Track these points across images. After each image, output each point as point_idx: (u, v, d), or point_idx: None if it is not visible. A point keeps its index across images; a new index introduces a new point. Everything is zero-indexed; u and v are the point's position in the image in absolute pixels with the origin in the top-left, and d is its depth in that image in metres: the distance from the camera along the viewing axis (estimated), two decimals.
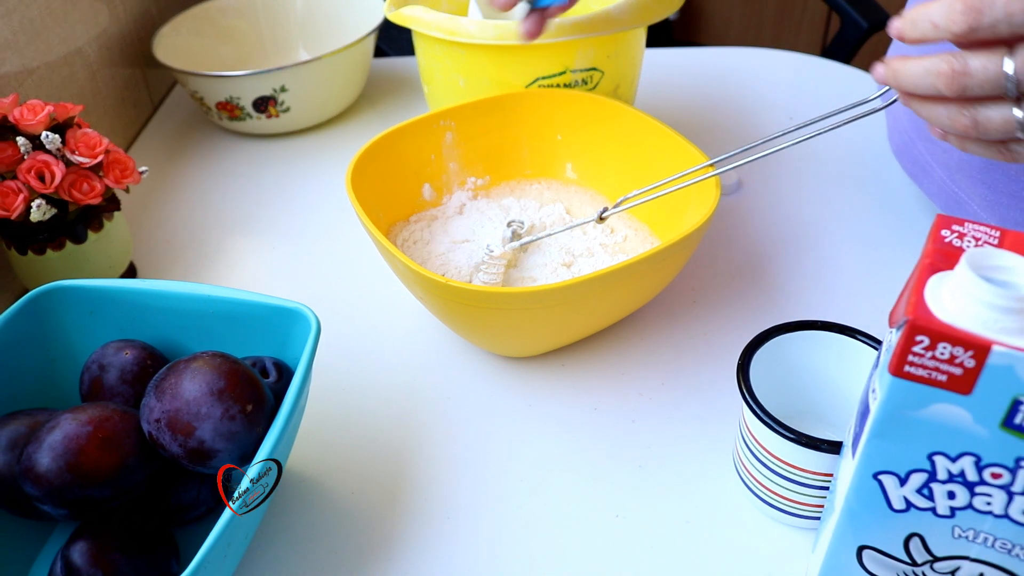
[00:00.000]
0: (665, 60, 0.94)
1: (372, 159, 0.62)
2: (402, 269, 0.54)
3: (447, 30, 0.65)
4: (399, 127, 0.64)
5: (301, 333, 0.48)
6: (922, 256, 0.34)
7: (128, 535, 0.44)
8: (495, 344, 0.59)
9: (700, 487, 0.51)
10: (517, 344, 0.58)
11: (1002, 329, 0.30)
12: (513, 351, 0.60)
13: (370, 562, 0.48)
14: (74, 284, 0.51)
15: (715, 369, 0.58)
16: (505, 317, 0.53)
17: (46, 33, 0.73)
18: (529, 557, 0.48)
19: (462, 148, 0.68)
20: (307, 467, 0.54)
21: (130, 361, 0.49)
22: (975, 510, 0.34)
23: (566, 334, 0.58)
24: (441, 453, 0.54)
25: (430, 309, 0.57)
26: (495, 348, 0.60)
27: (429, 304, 0.56)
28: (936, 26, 0.38)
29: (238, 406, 0.43)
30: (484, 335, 0.57)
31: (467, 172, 0.69)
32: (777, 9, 1.98)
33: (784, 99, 0.87)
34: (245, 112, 0.83)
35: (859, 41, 1.25)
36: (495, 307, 0.52)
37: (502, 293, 0.51)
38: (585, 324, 0.57)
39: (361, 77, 0.89)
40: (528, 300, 0.51)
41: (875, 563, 0.37)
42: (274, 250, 0.72)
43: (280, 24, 0.96)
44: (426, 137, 0.66)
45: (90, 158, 0.60)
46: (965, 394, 0.31)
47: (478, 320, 0.54)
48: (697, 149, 0.59)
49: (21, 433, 0.45)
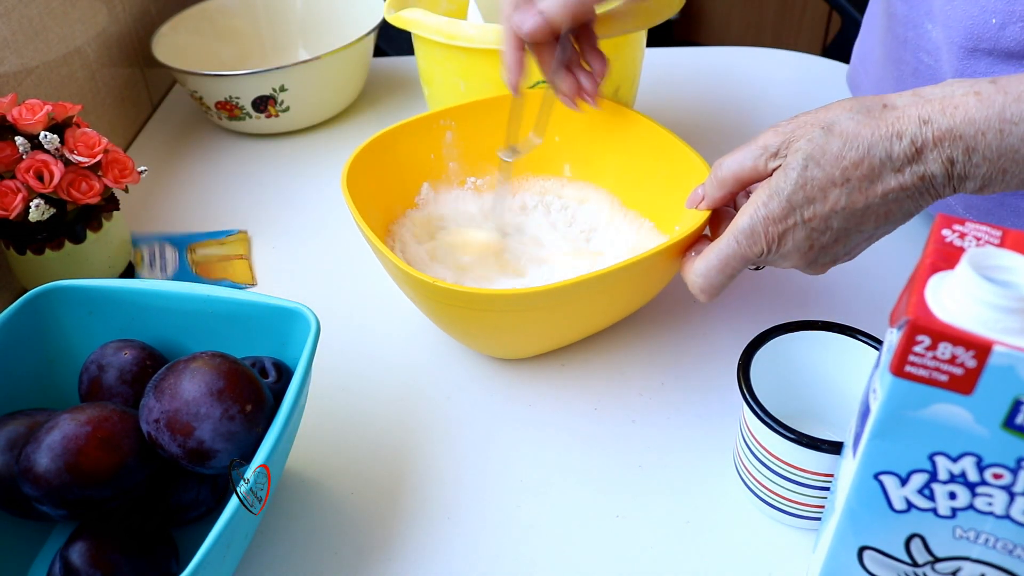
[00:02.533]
0: (665, 60, 0.94)
1: (371, 156, 0.62)
2: (392, 269, 0.53)
3: (448, 34, 0.65)
4: (398, 125, 0.64)
5: (300, 333, 0.48)
6: (923, 256, 0.34)
7: (127, 535, 0.44)
8: (486, 345, 0.59)
9: (700, 487, 0.51)
10: (508, 345, 0.58)
11: (1003, 329, 0.30)
12: (504, 352, 0.60)
13: (370, 562, 0.48)
14: (73, 284, 0.50)
15: (715, 369, 0.58)
16: (493, 319, 0.53)
17: (45, 32, 0.72)
18: (529, 557, 0.48)
19: (462, 147, 0.68)
20: (307, 467, 0.53)
21: (129, 361, 0.49)
22: (976, 511, 0.34)
23: (556, 337, 0.58)
24: (441, 453, 0.54)
25: (420, 308, 0.57)
26: (487, 349, 0.59)
27: (418, 303, 0.56)
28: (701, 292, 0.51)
29: (237, 406, 0.43)
30: (473, 337, 0.57)
31: (467, 172, 0.69)
32: (777, 9, 1.98)
33: (784, 99, 0.87)
34: (244, 112, 0.83)
35: None
36: (481, 309, 0.52)
37: (488, 295, 0.51)
38: (577, 327, 0.57)
39: (361, 77, 0.89)
40: (514, 302, 0.51)
41: (876, 564, 0.37)
42: (274, 250, 0.72)
43: (280, 24, 0.96)
44: (426, 136, 0.66)
45: (89, 158, 0.60)
46: (966, 394, 0.31)
47: (467, 321, 0.54)
48: (695, 153, 0.59)
49: (20, 433, 0.45)
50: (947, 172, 0.43)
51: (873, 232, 0.47)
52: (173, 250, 0.71)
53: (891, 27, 0.64)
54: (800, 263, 0.49)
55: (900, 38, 0.62)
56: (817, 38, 1.98)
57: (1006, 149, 0.41)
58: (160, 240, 0.70)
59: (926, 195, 0.44)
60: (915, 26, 0.60)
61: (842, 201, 0.45)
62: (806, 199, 0.46)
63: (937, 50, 0.58)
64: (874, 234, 0.47)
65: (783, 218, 0.46)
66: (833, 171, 0.45)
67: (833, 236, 0.47)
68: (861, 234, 0.47)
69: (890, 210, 0.45)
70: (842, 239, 0.47)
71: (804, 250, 0.47)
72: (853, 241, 0.47)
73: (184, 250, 0.70)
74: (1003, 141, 0.41)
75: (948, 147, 0.42)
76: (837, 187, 0.45)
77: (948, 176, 0.43)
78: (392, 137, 0.64)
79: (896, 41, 0.63)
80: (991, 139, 0.41)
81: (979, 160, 0.42)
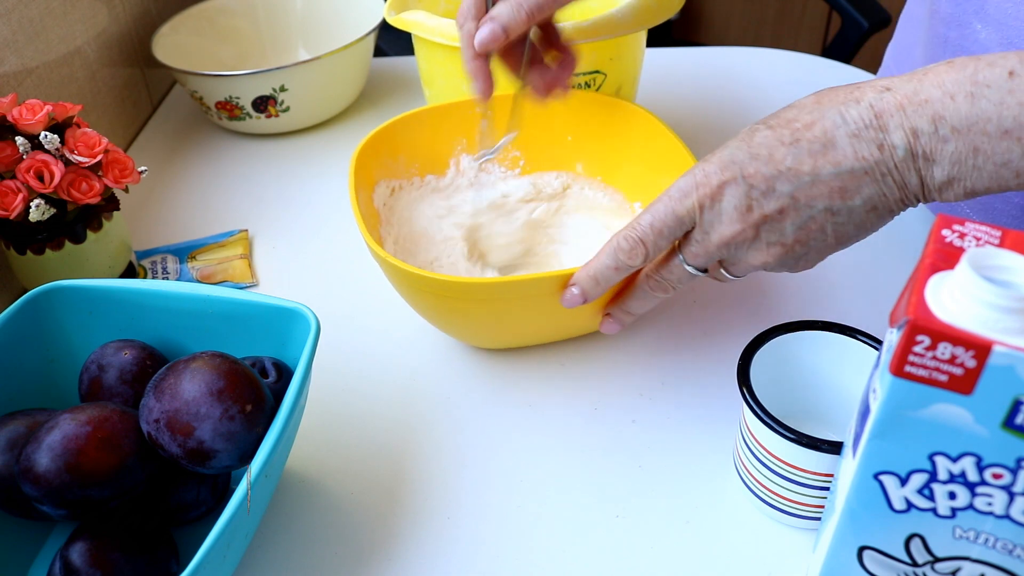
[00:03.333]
0: (665, 60, 0.94)
1: (406, 127, 0.65)
2: (380, 259, 0.54)
3: (449, 36, 0.65)
4: (436, 106, 0.66)
5: (301, 333, 0.48)
6: (923, 256, 0.34)
7: (127, 535, 0.44)
8: (461, 332, 0.59)
9: (700, 487, 0.51)
10: (481, 333, 0.58)
11: (1003, 329, 0.30)
12: (479, 341, 0.60)
13: (370, 562, 0.48)
14: (73, 284, 0.50)
15: (715, 369, 0.58)
16: (464, 307, 0.53)
17: (45, 33, 0.72)
18: (529, 557, 0.48)
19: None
20: (307, 467, 0.53)
21: (129, 361, 0.49)
22: (976, 511, 0.34)
23: (530, 329, 0.58)
24: (441, 453, 0.54)
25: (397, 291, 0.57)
26: (464, 337, 0.60)
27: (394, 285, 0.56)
28: (618, 269, 0.48)
29: (237, 406, 0.43)
30: (446, 323, 0.58)
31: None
32: (777, 9, 1.98)
33: (784, 99, 0.86)
34: (245, 112, 0.83)
35: (859, 41, 1.25)
36: (453, 297, 0.52)
37: (459, 283, 0.51)
38: (548, 323, 0.57)
39: (361, 77, 0.89)
40: (487, 291, 0.51)
41: (876, 564, 0.37)
42: (274, 250, 0.72)
43: (280, 24, 0.96)
44: (458, 120, 0.67)
45: (89, 158, 0.60)
46: (966, 394, 0.31)
47: (439, 310, 0.55)
48: (690, 153, 0.60)
49: (20, 433, 0.45)
50: (910, 147, 0.39)
51: (830, 220, 0.42)
52: (175, 259, 0.71)
53: (933, 26, 0.59)
54: (739, 232, 0.44)
55: (941, 38, 0.57)
56: (817, 38, 1.98)
57: (977, 117, 0.38)
58: (162, 252, 0.71)
59: (888, 179, 0.40)
60: (960, 25, 0.55)
61: (788, 161, 0.41)
62: (749, 155, 0.42)
63: (985, 52, 0.52)
64: (833, 226, 0.42)
65: (720, 171, 0.43)
66: (783, 131, 0.42)
67: (778, 204, 0.42)
68: (812, 209, 0.42)
69: (846, 187, 0.41)
70: (790, 212, 0.42)
71: (743, 210, 0.43)
72: (803, 217, 0.42)
73: (185, 258, 0.71)
74: (974, 106, 0.38)
75: (912, 114, 0.39)
76: (785, 146, 0.41)
77: (912, 153, 0.39)
78: (429, 114, 0.66)
79: (937, 41, 0.58)
80: (961, 103, 0.38)
81: (947, 133, 0.38)
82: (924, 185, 0.40)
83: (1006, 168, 0.38)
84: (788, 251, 0.44)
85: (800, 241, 0.44)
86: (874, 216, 0.42)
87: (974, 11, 0.53)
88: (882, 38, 1.33)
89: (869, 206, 0.42)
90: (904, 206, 0.42)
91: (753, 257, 0.45)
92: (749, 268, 0.46)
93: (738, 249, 0.45)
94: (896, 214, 0.43)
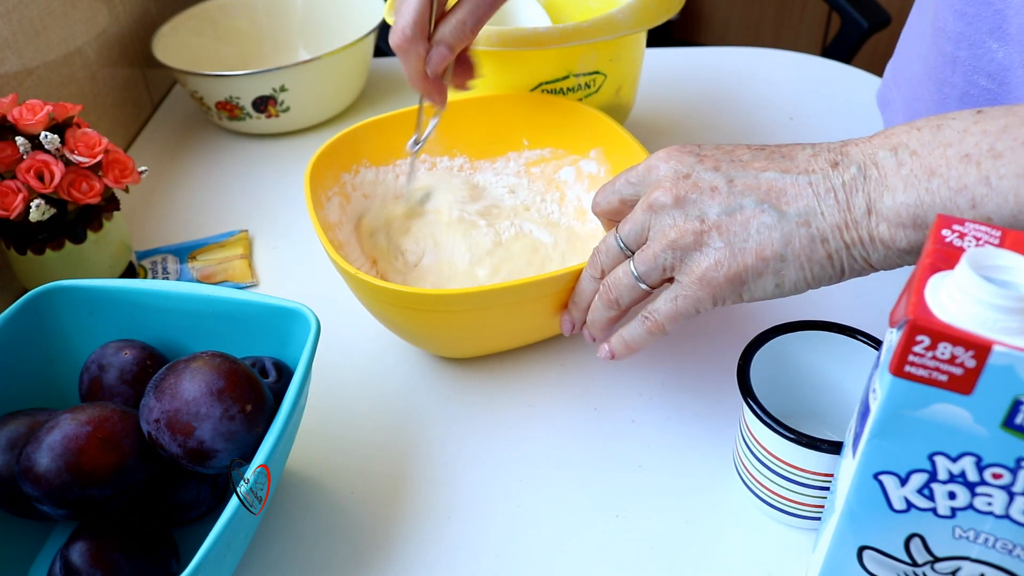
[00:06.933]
0: (665, 60, 0.94)
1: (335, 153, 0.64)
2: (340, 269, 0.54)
3: None
4: (385, 117, 0.67)
5: (301, 333, 0.48)
6: (922, 256, 0.34)
7: (128, 535, 0.44)
8: (426, 342, 0.59)
9: (700, 487, 0.51)
10: (443, 343, 0.58)
11: (1003, 329, 0.30)
12: (442, 351, 0.60)
13: (370, 562, 0.48)
14: (73, 284, 0.50)
15: (715, 369, 0.58)
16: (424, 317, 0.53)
17: (45, 33, 0.73)
18: (529, 557, 0.48)
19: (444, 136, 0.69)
20: (307, 467, 0.53)
21: (129, 361, 0.49)
22: (976, 510, 0.34)
23: (492, 339, 0.58)
24: (441, 453, 0.54)
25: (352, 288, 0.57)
26: (429, 347, 0.60)
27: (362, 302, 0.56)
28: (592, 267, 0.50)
29: (237, 406, 0.43)
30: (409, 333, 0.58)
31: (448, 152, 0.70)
32: (777, 9, 1.98)
33: (784, 99, 0.87)
34: (245, 112, 0.83)
35: (859, 41, 1.25)
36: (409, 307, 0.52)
37: (408, 293, 0.51)
38: (516, 331, 0.57)
39: (361, 77, 0.89)
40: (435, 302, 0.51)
41: (876, 563, 0.37)
42: (274, 250, 0.72)
43: (280, 24, 0.96)
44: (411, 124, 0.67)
45: (89, 158, 0.60)
46: (966, 394, 0.31)
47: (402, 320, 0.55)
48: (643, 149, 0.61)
49: (20, 433, 0.45)
50: (863, 167, 0.40)
51: (756, 219, 0.41)
52: (175, 259, 0.71)
53: (937, 43, 0.57)
54: (672, 201, 0.43)
55: (948, 57, 0.55)
56: (817, 38, 1.98)
57: (939, 142, 0.38)
58: (162, 252, 0.71)
59: (830, 196, 0.40)
60: (972, 45, 0.52)
61: (744, 156, 0.43)
62: (714, 145, 0.45)
63: (1003, 73, 0.51)
64: (758, 227, 0.41)
65: (681, 146, 0.46)
66: (754, 146, 0.45)
67: (713, 181, 0.43)
68: (744, 198, 0.42)
69: (785, 190, 0.41)
70: (722, 193, 0.42)
71: (681, 175, 0.44)
72: (732, 205, 0.42)
73: (185, 258, 0.71)
74: (937, 134, 0.38)
75: (877, 145, 0.40)
76: (750, 151, 0.44)
77: (863, 173, 0.40)
78: (380, 125, 0.67)
79: (942, 59, 0.56)
80: (924, 133, 0.39)
81: (906, 156, 0.39)
82: (871, 211, 0.40)
83: (961, 195, 0.37)
84: (701, 236, 0.43)
85: (718, 227, 0.42)
86: (804, 234, 0.41)
87: (989, 30, 0.51)
88: (882, 38, 1.33)
89: (802, 219, 0.41)
90: (841, 243, 0.41)
91: (669, 231, 0.44)
92: (654, 260, 0.45)
93: (660, 218, 0.44)
94: (826, 256, 0.41)
